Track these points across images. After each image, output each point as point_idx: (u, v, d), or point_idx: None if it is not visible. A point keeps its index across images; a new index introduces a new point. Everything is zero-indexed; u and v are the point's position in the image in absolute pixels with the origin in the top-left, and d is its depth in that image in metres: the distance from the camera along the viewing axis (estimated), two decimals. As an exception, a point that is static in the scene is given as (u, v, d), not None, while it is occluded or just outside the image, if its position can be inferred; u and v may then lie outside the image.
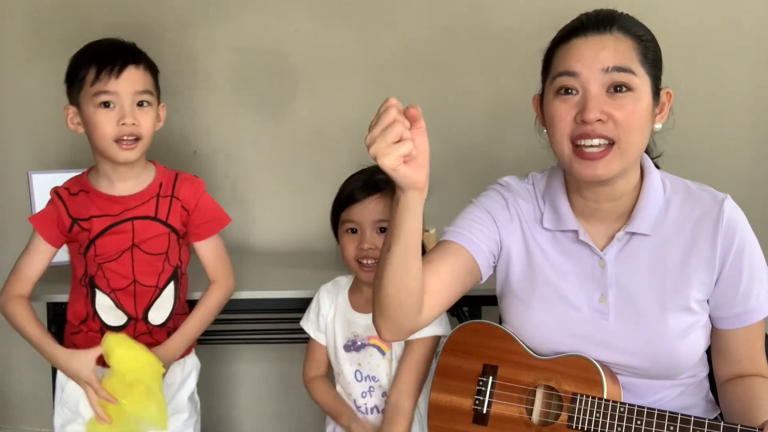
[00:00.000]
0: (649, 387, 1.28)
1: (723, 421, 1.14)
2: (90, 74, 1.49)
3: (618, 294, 1.27)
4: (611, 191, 1.26)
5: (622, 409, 1.20)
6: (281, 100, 2.36)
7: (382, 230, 1.53)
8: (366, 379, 1.57)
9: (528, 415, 1.28)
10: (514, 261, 1.35)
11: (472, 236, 1.32)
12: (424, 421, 1.40)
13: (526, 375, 1.30)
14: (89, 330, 1.60)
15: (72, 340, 1.63)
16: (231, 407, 2.52)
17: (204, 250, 1.66)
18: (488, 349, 1.34)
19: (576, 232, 1.30)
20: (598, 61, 1.18)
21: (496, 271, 1.39)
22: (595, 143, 1.18)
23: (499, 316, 1.41)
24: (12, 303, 1.58)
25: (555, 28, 1.28)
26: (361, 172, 1.58)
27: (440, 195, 1.83)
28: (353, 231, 1.55)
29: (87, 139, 1.56)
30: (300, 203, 2.40)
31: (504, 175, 1.43)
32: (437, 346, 1.54)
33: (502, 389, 1.31)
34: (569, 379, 1.25)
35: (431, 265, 1.28)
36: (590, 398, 1.22)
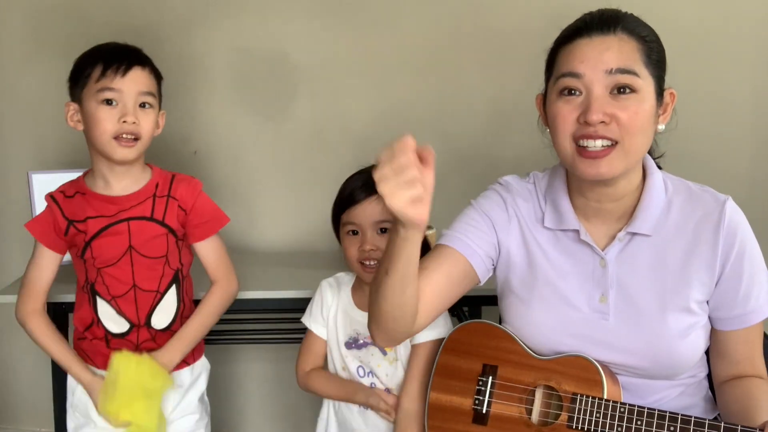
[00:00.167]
0: (649, 387, 1.28)
1: (723, 422, 1.14)
2: (96, 71, 1.50)
3: (618, 294, 1.27)
4: (613, 191, 1.26)
5: (622, 409, 1.20)
6: (281, 100, 2.36)
7: (383, 231, 1.53)
8: (369, 375, 1.57)
9: (528, 415, 1.28)
10: (514, 261, 1.35)
11: (469, 241, 1.33)
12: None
13: (526, 375, 1.30)
14: (94, 337, 1.60)
15: (79, 346, 1.63)
16: (231, 406, 2.52)
17: (204, 251, 1.65)
18: (488, 349, 1.34)
19: (577, 232, 1.30)
20: (602, 63, 1.17)
21: (496, 272, 1.39)
22: (598, 144, 1.18)
23: (499, 316, 1.41)
24: (30, 320, 1.59)
25: (555, 29, 1.28)
26: (361, 173, 1.58)
27: (440, 195, 1.83)
28: (354, 233, 1.55)
29: (86, 140, 1.56)
30: (300, 203, 2.40)
31: (504, 175, 1.43)
32: None
33: (502, 389, 1.31)
34: (569, 379, 1.25)
35: (426, 272, 1.29)
36: (590, 398, 1.22)
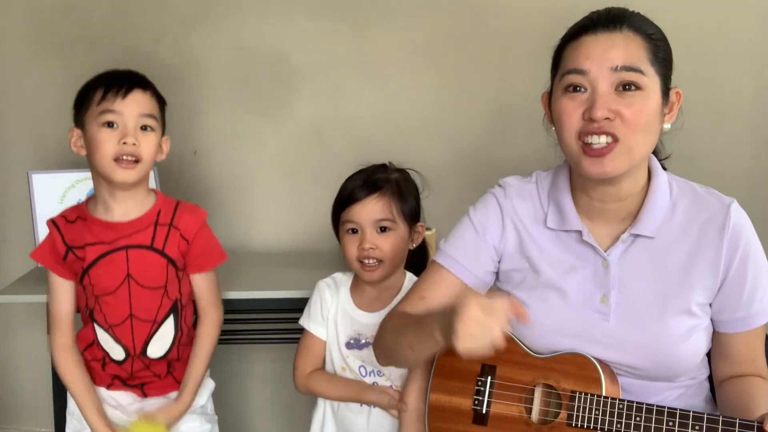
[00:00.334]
0: (649, 389, 1.28)
1: (722, 415, 1.13)
2: (97, 95, 1.50)
3: (620, 295, 1.26)
4: (618, 191, 1.26)
5: (621, 406, 1.20)
6: (281, 100, 2.36)
7: (383, 229, 1.53)
8: (371, 374, 1.57)
9: (527, 414, 1.28)
10: (514, 263, 1.35)
11: (465, 262, 1.36)
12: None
13: (525, 374, 1.30)
14: (93, 359, 1.61)
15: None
16: (230, 406, 2.52)
17: (198, 282, 1.63)
18: (487, 349, 1.34)
19: (580, 233, 1.29)
20: (608, 60, 1.17)
21: (497, 275, 1.40)
22: (602, 141, 1.18)
23: (499, 316, 1.41)
24: (59, 355, 1.59)
25: (556, 28, 1.28)
26: (361, 172, 1.58)
27: (442, 195, 1.84)
28: (354, 231, 1.55)
29: (89, 165, 1.56)
30: (300, 203, 2.40)
31: (505, 177, 1.42)
32: None
33: (501, 389, 1.31)
34: (568, 377, 1.25)
35: (425, 302, 1.36)
36: (589, 396, 1.22)
